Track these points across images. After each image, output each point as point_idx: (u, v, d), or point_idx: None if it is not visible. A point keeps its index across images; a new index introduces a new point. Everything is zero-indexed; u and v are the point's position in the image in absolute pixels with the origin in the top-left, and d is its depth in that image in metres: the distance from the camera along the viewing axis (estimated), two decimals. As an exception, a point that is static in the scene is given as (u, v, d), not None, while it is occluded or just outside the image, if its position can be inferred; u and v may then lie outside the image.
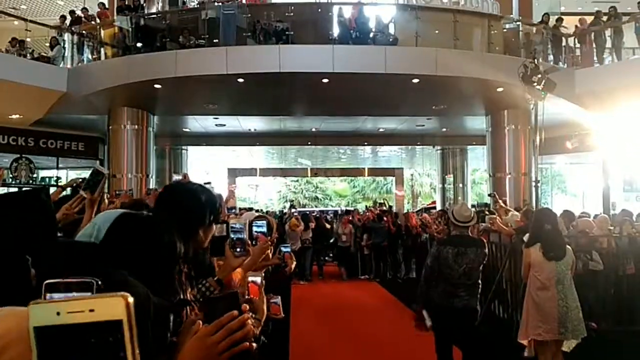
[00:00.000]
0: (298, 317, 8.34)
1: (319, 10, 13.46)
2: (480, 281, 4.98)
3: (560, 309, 4.78)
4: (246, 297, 2.06)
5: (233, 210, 4.61)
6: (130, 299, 0.75)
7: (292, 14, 12.10)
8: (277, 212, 20.24)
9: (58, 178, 14.93)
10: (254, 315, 2.02)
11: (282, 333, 6.69)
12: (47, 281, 0.83)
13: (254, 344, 1.12)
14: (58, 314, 0.73)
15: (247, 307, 1.12)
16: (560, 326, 4.77)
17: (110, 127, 13.06)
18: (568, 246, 5.11)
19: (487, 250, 5.11)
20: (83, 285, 0.85)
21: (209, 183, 2.16)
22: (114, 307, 0.74)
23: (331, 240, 14.70)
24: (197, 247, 1.90)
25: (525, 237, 5.46)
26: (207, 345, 1.10)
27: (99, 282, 0.85)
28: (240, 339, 1.10)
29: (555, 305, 4.79)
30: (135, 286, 1.06)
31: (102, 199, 3.30)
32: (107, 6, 14.54)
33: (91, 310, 0.73)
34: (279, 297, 3.02)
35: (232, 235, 2.09)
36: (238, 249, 2.07)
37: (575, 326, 4.81)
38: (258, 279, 2.14)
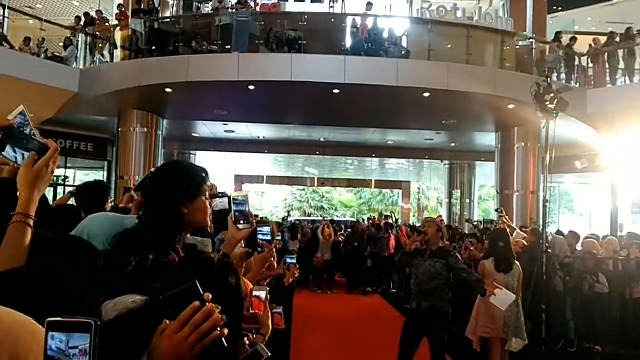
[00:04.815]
0: (299, 328, 8.28)
1: (333, 20, 13.50)
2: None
3: (505, 313, 5.63)
4: (250, 311, 2.03)
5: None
6: None
7: (305, 23, 12.10)
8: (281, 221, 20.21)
9: (66, 177, 14.97)
10: (258, 331, 1.99)
11: (283, 345, 6.64)
12: (49, 319, 0.80)
13: (225, 330, 1.08)
14: None
15: (210, 296, 1.08)
16: (505, 327, 5.75)
17: (119, 129, 13.10)
18: (517, 262, 6.09)
19: None
20: (83, 326, 0.81)
21: (223, 193, 2.10)
22: None
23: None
24: (196, 222, 1.89)
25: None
26: (175, 344, 1.06)
27: (98, 323, 0.81)
28: (209, 330, 1.06)
29: (502, 310, 5.56)
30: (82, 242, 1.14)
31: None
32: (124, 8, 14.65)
33: None
34: (281, 308, 2.99)
35: (234, 208, 2.06)
36: (242, 222, 2.04)
37: (517, 327, 5.79)
38: (263, 294, 2.10)
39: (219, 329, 1.08)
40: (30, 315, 0.87)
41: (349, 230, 16.02)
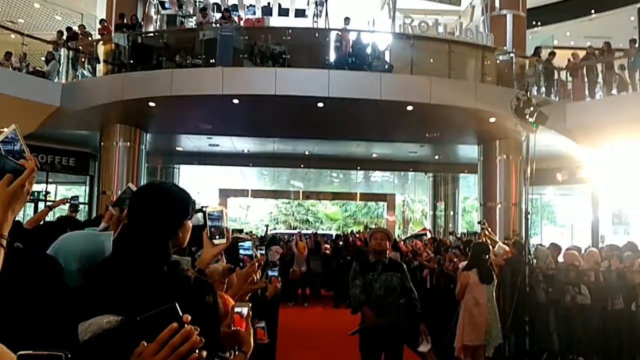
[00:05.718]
0: (285, 342, 8.21)
1: (316, 35, 13.60)
2: None
3: (487, 321, 6.03)
4: (232, 328, 2.02)
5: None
6: None
7: (289, 37, 12.17)
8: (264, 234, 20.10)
9: (47, 193, 14.79)
10: (240, 348, 1.98)
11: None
12: (20, 353, 0.81)
13: (204, 352, 1.07)
14: None
15: (189, 317, 1.07)
16: (486, 334, 6.07)
17: (102, 144, 12.99)
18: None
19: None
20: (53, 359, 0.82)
21: (206, 207, 2.10)
22: None
23: None
24: (177, 246, 1.86)
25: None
26: None
27: (69, 356, 0.82)
28: (187, 352, 1.05)
29: (485, 318, 6.04)
30: (50, 260, 1.23)
31: None
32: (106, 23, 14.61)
33: None
34: (264, 322, 2.97)
35: (209, 224, 2.06)
36: (217, 237, 2.05)
37: (495, 334, 6.14)
38: (244, 310, 2.09)
39: (197, 350, 1.07)
40: (9, 338, 0.87)
41: (341, 243, 15.89)
